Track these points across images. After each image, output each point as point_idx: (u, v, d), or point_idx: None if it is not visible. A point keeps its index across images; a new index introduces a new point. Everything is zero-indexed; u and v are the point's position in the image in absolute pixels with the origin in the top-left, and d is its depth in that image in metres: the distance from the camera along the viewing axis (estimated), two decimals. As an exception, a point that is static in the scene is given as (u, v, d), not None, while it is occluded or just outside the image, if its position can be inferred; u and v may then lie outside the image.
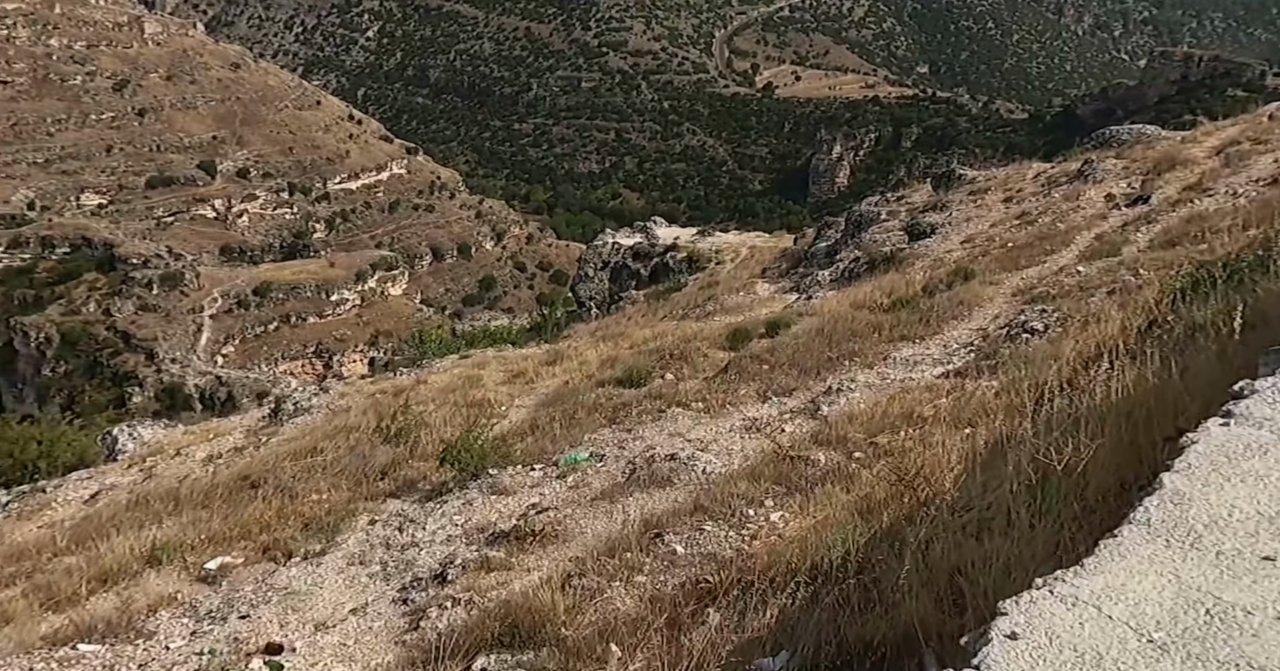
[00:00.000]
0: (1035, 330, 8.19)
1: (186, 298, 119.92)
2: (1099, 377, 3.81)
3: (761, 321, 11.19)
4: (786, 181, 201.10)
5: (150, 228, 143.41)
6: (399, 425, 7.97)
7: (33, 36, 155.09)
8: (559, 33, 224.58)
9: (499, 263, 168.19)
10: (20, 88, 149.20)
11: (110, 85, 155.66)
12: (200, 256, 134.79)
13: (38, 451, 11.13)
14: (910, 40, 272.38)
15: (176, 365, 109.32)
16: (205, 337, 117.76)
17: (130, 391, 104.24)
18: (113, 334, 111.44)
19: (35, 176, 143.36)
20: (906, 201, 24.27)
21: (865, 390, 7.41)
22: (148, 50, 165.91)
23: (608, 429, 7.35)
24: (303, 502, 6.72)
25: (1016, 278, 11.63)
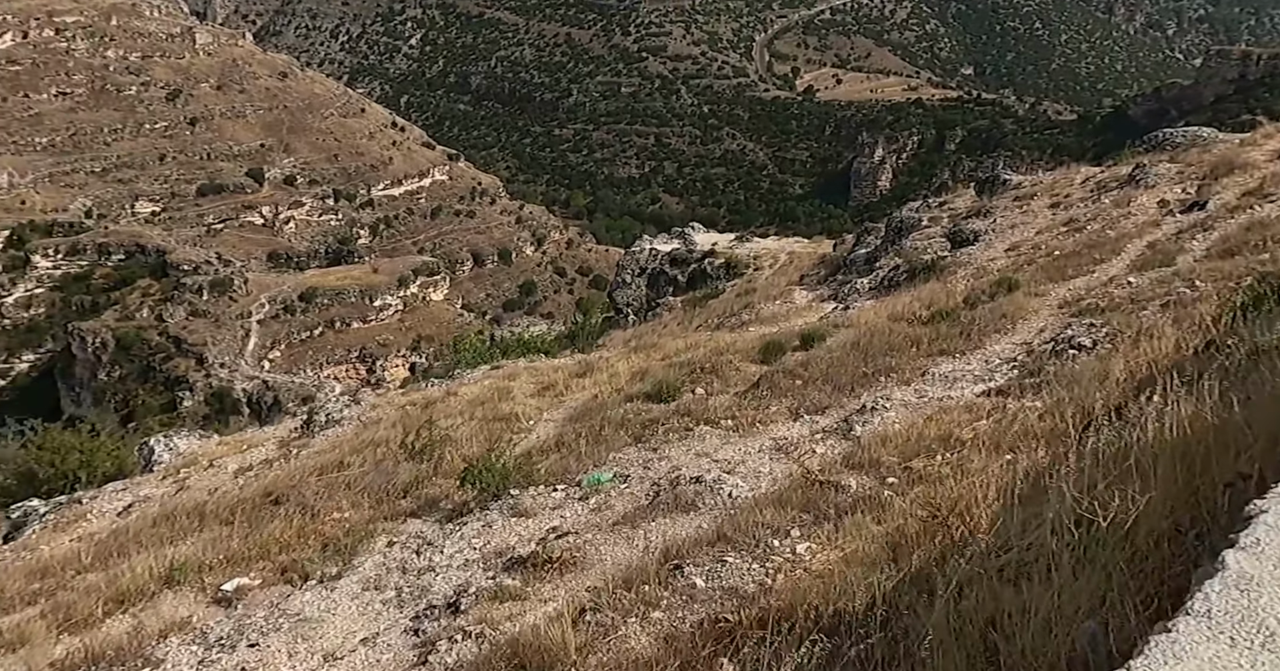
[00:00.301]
0: (1083, 346, 7.83)
1: (235, 303, 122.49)
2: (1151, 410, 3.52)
3: (796, 333, 10.92)
4: (827, 185, 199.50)
5: (201, 234, 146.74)
6: (423, 441, 7.87)
7: (91, 48, 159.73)
8: (599, 38, 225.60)
9: (539, 268, 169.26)
10: (79, 98, 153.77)
11: (163, 95, 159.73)
12: (248, 262, 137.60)
13: (78, 461, 11.29)
14: (954, 42, 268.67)
15: (225, 370, 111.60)
16: (253, 343, 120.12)
17: (181, 396, 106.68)
18: (165, 339, 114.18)
19: (93, 185, 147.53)
20: (949, 207, 23.73)
21: (901, 409, 7.12)
22: (199, 60, 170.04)
23: (633, 448, 7.16)
24: (323, 521, 6.63)
25: (1063, 288, 11.20)
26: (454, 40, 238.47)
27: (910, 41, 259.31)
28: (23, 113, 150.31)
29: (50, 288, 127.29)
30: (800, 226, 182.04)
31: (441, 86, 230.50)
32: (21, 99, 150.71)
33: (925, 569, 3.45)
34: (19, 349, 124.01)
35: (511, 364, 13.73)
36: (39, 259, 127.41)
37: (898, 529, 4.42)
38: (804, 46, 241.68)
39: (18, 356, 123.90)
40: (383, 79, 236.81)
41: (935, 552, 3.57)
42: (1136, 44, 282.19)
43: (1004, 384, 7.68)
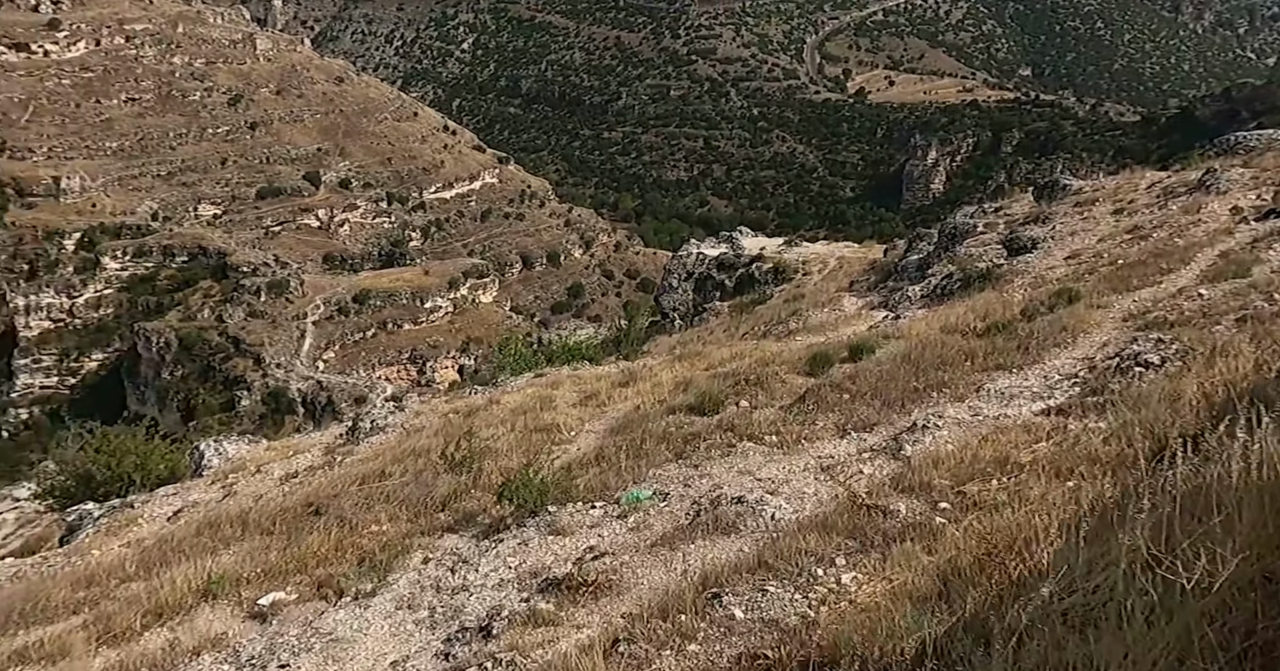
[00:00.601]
0: (1150, 363, 7.43)
1: (291, 304, 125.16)
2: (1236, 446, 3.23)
3: (844, 344, 10.63)
4: (879, 188, 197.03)
5: (259, 237, 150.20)
6: (462, 453, 7.79)
7: (158, 55, 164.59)
8: (648, 41, 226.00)
9: (587, 270, 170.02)
10: (147, 104, 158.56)
11: (225, 100, 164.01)
12: (304, 264, 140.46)
13: (133, 464, 11.50)
14: (1012, 42, 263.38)
15: (281, 370, 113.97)
16: (308, 343, 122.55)
17: (239, 395, 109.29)
18: (224, 339, 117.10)
19: (158, 188, 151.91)
20: (1005, 213, 23.10)
21: (954, 427, 6.83)
22: (259, 66, 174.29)
23: (674, 464, 6.98)
24: (361, 534, 6.58)
25: (1128, 300, 10.73)
26: (505, 44, 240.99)
27: (965, 42, 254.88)
28: (94, 118, 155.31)
29: (118, 288, 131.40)
30: (851, 229, 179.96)
31: (492, 90, 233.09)
32: (94, 105, 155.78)
33: (980, 613, 3.22)
34: (89, 348, 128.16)
35: (555, 372, 13.65)
36: (108, 260, 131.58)
37: (950, 561, 4.18)
38: (856, 48, 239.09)
39: (88, 355, 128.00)
40: (435, 83, 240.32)
41: (991, 594, 3.33)
42: (1205, 43, 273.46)
43: (1064, 402, 7.32)
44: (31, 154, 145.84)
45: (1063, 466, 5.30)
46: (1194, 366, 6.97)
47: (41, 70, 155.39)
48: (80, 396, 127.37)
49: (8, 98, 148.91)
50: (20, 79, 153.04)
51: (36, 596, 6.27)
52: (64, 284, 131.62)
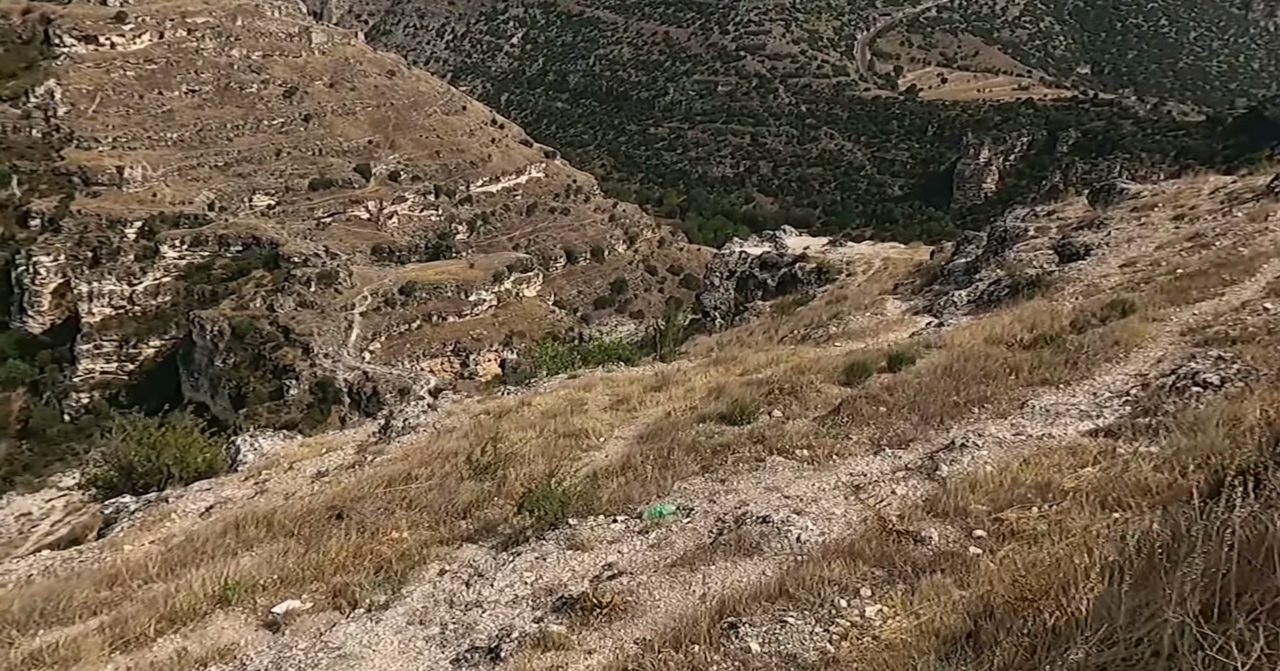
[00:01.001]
0: (1209, 383, 7.04)
1: (340, 295, 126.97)
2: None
3: (883, 353, 10.32)
4: (928, 187, 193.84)
5: (311, 228, 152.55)
6: (487, 458, 7.67)
7: (218, 48, 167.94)
8: (697, 37, 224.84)
9: (630, 266, 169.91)
10: (206, 96, 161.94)
11: (281, 93, 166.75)
12: (353, 256, 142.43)
13: (173, 457, 11.63)
14: (1070, 40, 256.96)
15: (328, 360, 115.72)
16: (355, 334, 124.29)
17: (288, 384, 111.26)
18: (275, 328, 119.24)
19: (215, 178, 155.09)
20: (1058, 217, 22.40)
21: (994, 447, 6.52)
22: (314, 59, 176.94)
23: (700, 477, 6.78)
24: (381, 541, 6.49)
25: (1186, 313, 10.24)
26: (554, 39, 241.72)
27: (1022, 40, 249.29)
28: (157, 109, 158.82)
29: (176, 276, 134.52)
30: (898, 228, 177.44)
31: (541, 84, 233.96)
32: (156, 96, 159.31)
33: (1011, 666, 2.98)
34: (147, 334, 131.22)
35: (588, 373, 13.52)
36: (167, 249, 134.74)
37: (982, 597, 3.93)
38: (908, 45, 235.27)
39: (146, 342, 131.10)
40: (484, 77, 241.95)
41: (1024, 645, 3.09)
42: (1276, 40, 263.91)
43: (1114, 423, 6.97)
44: (97, 144, 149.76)
45: (1109, 496, 5.00)
46: (1257, 388, 6.58)
47: (108, 62, 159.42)
48: (138, 382, 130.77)
49: (76, 89, 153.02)
50: (88, 70, 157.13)
51: (60, 595, 6.30)
52: (125, 271, 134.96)
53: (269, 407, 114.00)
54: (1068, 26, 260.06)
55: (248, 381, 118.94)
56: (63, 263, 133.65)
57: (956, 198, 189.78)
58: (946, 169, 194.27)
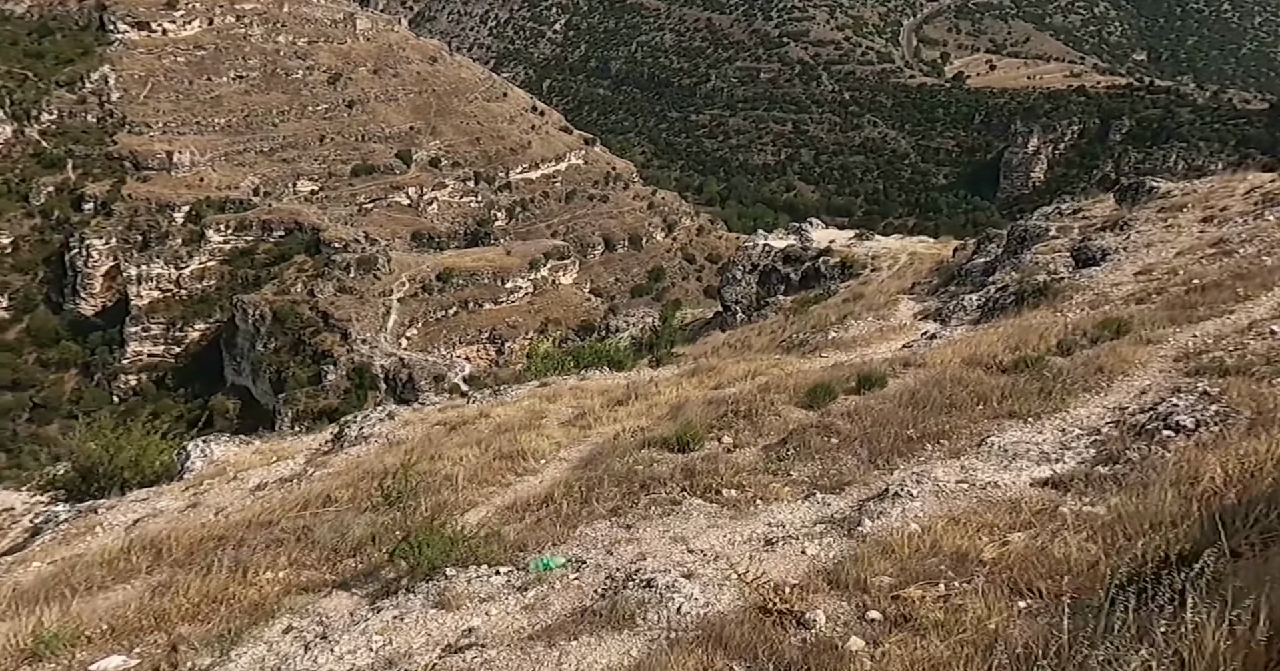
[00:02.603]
0: (1182, 427, 6.30)
1: (379, 281, 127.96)
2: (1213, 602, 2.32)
3: (857, 371, 9.66)
4: (974, 176, 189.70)
5: (352, 213, 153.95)
6: (398, 487, 7.18)
7: (265, 34, 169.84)
8: (739, 23, 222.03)
9: (669, 254, 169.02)
10: (252, 82, 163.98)
11: (325, 79, 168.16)
12: (393, 242, 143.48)
13: (128, 460, 11.38)
14: (1126, 25, 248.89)
15: (366, 346, 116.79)
16: (392, 320, 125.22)
17: (325, 369, 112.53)
18: (314, 313, 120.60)
19: (260, 164, 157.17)
20: (1083, 215, 21.30)
21: (930, 497, 5.88)
22: (358, 46, 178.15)
23: (608, 521, 6.23)
24: (250, 581, 6.03)
25: (1187, 334, 9.39)
26: (596, 25, 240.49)
27: (1075, 25, 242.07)
28: (205, 95, 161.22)
29: (221, 261, 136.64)
30: (942, 218, 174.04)
31: (582, 71, 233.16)
32: (205, 82, 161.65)
33: None
34: (192, 318, 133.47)
35: (559, 382, 13.04)
36: (212, 233, 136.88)
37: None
38: (955, 31, 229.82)
39: (191, 325, 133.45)
40: (527, 63, 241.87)
41: None
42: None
43: (1071, 470, 6.28)
44: (148, 129, 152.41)
45: (1025, 575, 4.37)
46: (1231, 435, 5.85)
47: (159, 48, 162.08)
48: (184, 365, 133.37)
49: (129, 74, 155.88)
50: (140, 57, 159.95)
51: None
52: (172, 255, 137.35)
53: (307, 392, 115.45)
54: (1124, 12, 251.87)
55: (288, 366, 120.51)
56: (114, 246, 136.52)
57: (1003, 187, 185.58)
58: (993, 158, 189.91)
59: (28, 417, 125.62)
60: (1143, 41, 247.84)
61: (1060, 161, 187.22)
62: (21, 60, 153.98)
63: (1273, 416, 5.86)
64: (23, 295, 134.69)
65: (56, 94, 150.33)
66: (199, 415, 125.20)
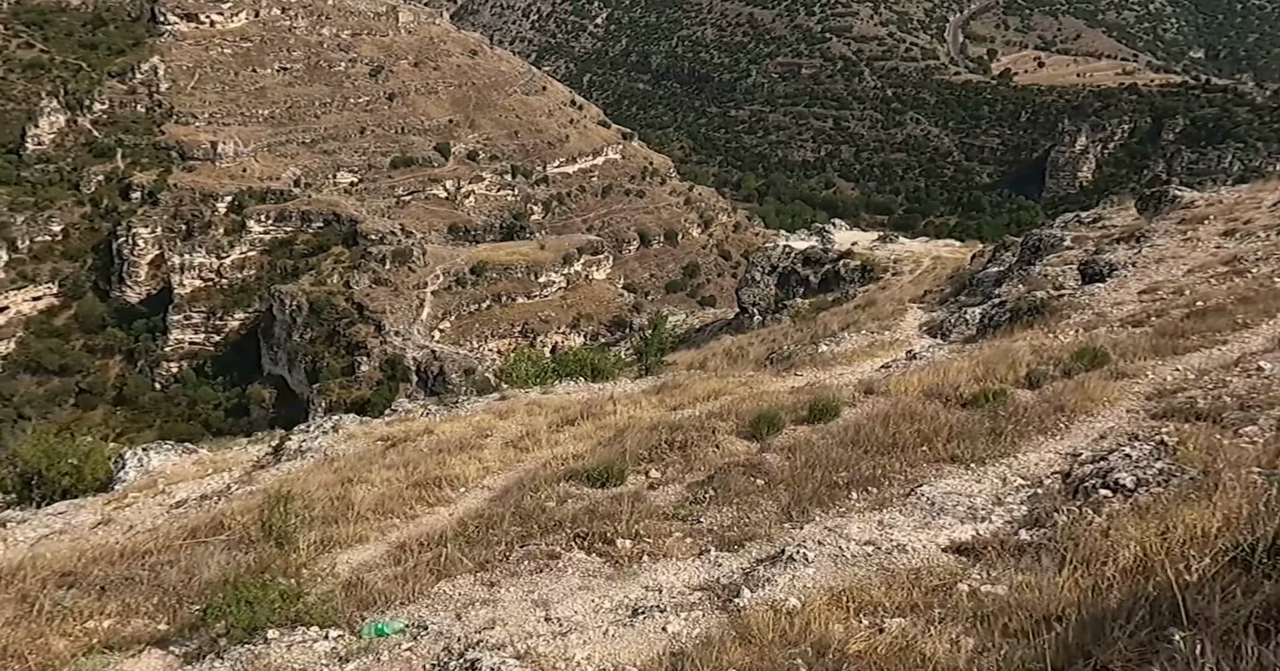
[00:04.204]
0: (1120, 486, 5.60)
1: (413, 273, 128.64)
2: None
3: (808, 403, 9.02)
4: (1019, 175, 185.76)
5: (390, 205, 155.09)
6: (277, 522, 6.68)
7: (309, 26, 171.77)
8: (781, 18, 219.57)
9: (704, 250, 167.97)
10: (296, 74, 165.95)
11: (367, 71, 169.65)
12: (429, 234, 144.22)
13: (69, 467, 11.12)
14: (1183, 22, 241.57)
15: (399, 338, 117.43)
16: (426, 312, 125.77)
17: (359, 361, 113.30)
18: (350, 305, 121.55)
19: (302, 155, 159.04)
20: (1103, 224, 20.25)
21: (828, 563, 5.26)
22: (400, 38, 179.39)
23: (471, 577, 5.70)
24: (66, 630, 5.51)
25: (1169, 368, 8.59)
26: (638, 19, 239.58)
27: (1129, 22, 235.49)
28: (250, 86, 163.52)
29: (261, 251, 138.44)
30: (985, 217, 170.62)
31: (623, 65, 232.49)
32: (250, 74, 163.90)
33: None
34: (232, 307, 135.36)
35: (517, 397, 12.55)
36: (253, 224, 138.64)
37: None
38: (1003, 27, 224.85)
39: (231, 314, 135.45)
40: (568, 57, 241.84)
41: None
42: None
43: (994, 531, 5.61)
44: (194, 119, 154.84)
45: None
46: (1167, 500, 5.16)
47: (207, 40, 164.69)
48: (223, 353, 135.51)
49: (177, 65, 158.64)
50: (189, 48, 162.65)
51: None
52: (214, 244, 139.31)
53: (341, 383, 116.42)
54: (1181, 8, 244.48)
55: (322, 356, 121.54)
56: (159, 234, 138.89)
57: (1049, 186, 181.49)
58: (1039, 157, 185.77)
59: (74, 402, 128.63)
60: (1200, 38, 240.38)
61: (1109, 161, 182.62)
62: (76, 51, 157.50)
63: (1217, 479, 5.15)
64: (72, 282, 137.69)
65: (108, 84, 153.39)
66: (237, 403, 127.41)
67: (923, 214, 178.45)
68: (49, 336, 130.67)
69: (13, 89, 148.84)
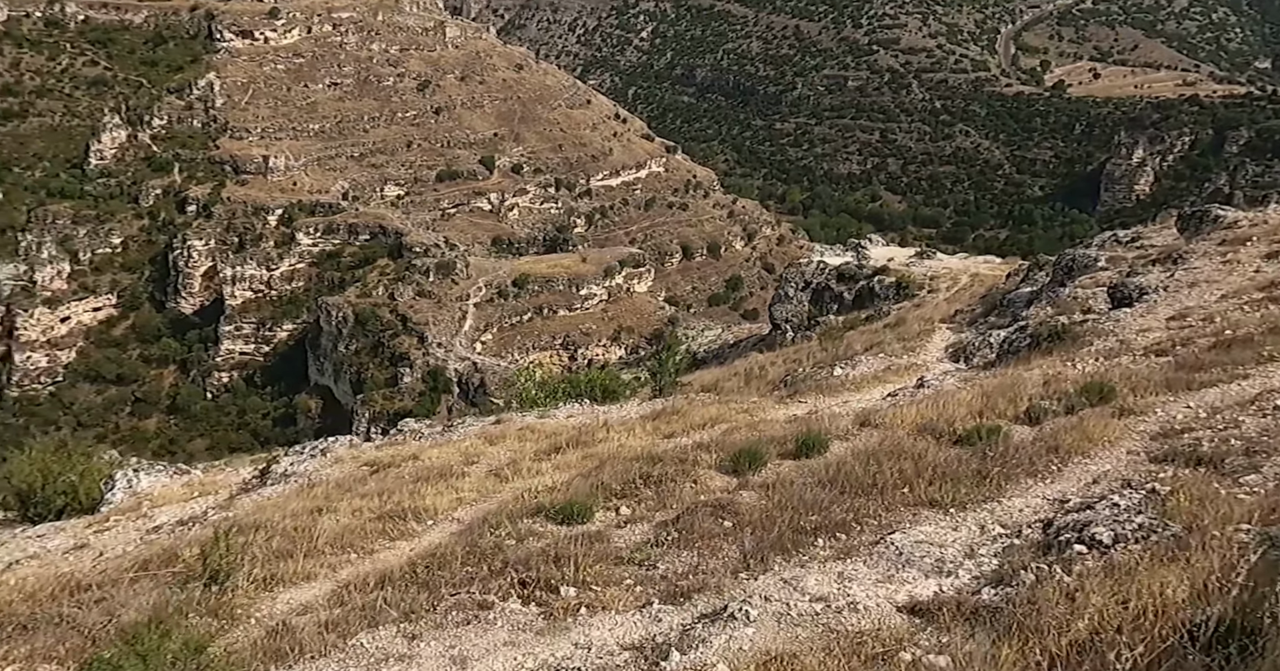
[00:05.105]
0: (1097, 542, 5.14)
1: (456, 285, 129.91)
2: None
3: (795, 436, 8.63)
4: (1072, 188, 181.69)
5: (435, 218, 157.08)
6: (216, 559, 6.47)
7: (359, 42, 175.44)
8: (828, 31, 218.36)
9: (747, 263, 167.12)
10: (346, 89, 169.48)
11: (415, 86, 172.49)
12: (473, 247, 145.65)
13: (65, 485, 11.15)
14: (1248, 31, 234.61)
15: (441, 349, 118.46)
16: (468, 324, 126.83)
17: (402, 372, 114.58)
18: (394, 316, 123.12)
19: (350, 169, 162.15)
20: (1140, 244, 19.43)
21: (770, 623, 4.88)
22: (447, 53, 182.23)
23: (394, 628, 5.42)
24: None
25: (1180, 405, 8.03)
26: (683, 33, 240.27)
27: (1190, 32, 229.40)
28: (301, 101, 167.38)
29: (309, 263, 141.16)
30: (1037, 231, 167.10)
31: (668, 79, 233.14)
32: (302, 89, 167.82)
33: None
34: (281, 318, 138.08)
35: (512, 420, 12.32)
36: (302, 236, 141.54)
37: None
38: (1057, 38, 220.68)
39: (280, 325, 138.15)
40: (613, 71, 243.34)
41: None
42: None
43: (957, 588, 5.20)
44: (248, 134, 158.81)
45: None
46: (1143, 559, 4.72)
47: (261, 56, 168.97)
48: (272, 364, 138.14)
49: (232, 81, 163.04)
50: (243, 64, 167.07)
51: None
52: (264, 257, 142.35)
53: (384, 394, 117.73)
54: (1245, 17, 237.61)
55: (367, 367, 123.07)
56: (212, 247, 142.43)
57: (1104, 200, 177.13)
58: (1094, 169, 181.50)
59: (129, 411, 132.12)
60: (1267, 48, 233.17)
61: (1169, 174, 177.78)
62: (137, 68, 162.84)
63: (1201, 537, 4.69)
64: (130, 293, 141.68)
65: (167, 100, 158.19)
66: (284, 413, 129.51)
67: (972, 227, 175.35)
68: (108, 346, 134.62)
69: (78, 106, 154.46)
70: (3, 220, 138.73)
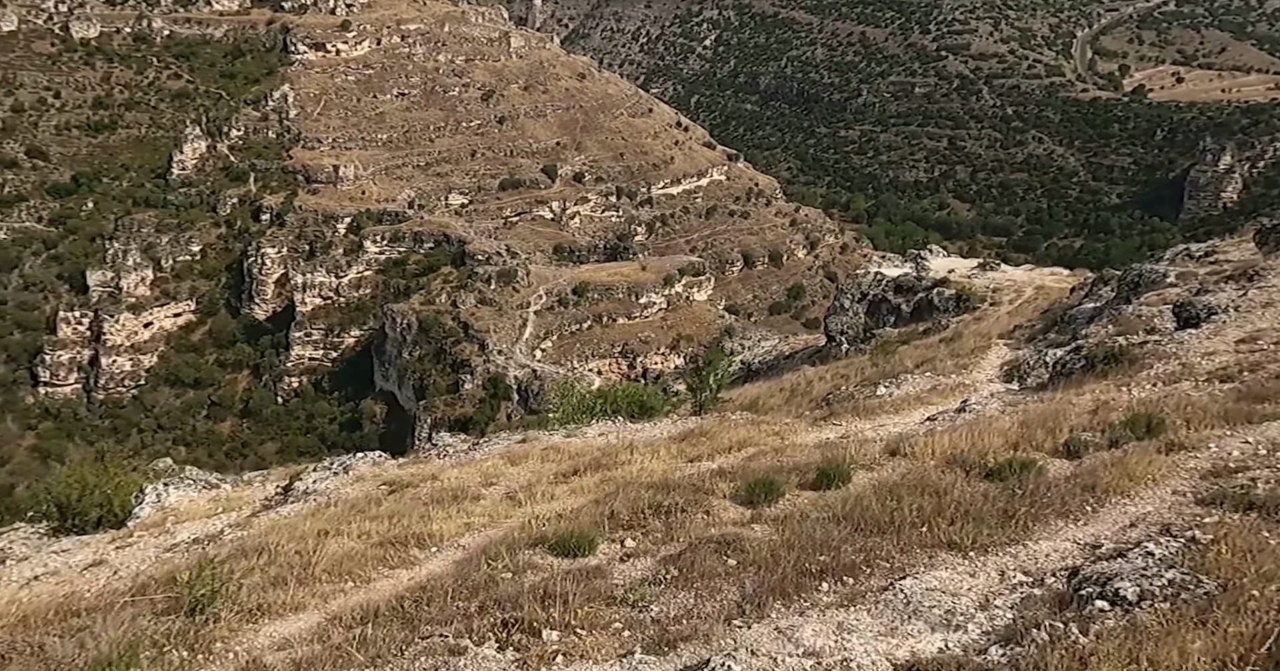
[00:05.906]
0: (1121, 598, 4.64)
1: (517, 293, 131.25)
2: None
3: (816, 465, 8.19)
4: (1153, 195, 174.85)
5: (498, 226, 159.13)
6: (200, 590, 6.29)
7: (426, 53, 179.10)
8: (895, 37, 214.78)
9: (809, 271, 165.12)
10: (413, 99, 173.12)
11: (479, 95, 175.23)
12: (535, 255, 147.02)
13: (101, 497, 11.32)
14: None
15: (502, 357, 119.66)
16: (528, 332, 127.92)
17: (463, 379, 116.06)
18: (456, 323, 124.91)
19: (417, 178, 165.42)
20: (1214, 259, 18.31)
21: (753, 679, 4.52)
22: (511, 63, 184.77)
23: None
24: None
25: (1237, 440, 7.35)
26: (747, 41, 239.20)
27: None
28: (370, 112, 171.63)
29: (376, 270, 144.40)
30: (1114, 239, 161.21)
31: (731, 86, 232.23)
32: (371, 99, 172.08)
33: None
34: (348, 325, 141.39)
35: (539, 439, 12.09)
36: (369, 244, 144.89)
37: None
38: (1137, 42, 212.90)
39: (347, 332, 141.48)
40: (676, 79, 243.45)
41: None
42: None
43: (964, 646, 4.74)
44: (319, 144, 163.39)
45: None
46: (1170, 620, 4.21)
47: (332, 67, 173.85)
48: (339, 369, 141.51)
49: (305, 93, 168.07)
50: (315, 76, 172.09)
51: None
52: (334, 264, 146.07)
53: (446, 400, 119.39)
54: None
55: (430, 373, 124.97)
56: (285, 254, 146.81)
57: (1188, 208, 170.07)
58: (1177, 176, 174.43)
59: (205, 414, 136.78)
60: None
61: (1259, 181, 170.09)
62: (217, 81, 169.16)
63: (1238, 597, 4.16)
64: (208, 299, 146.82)
65: (244, 111, 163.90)
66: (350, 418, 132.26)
67: (1045, 235, 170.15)
68: (186, 351, 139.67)
69: (162, 117, 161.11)
70: (92, 228, 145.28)
